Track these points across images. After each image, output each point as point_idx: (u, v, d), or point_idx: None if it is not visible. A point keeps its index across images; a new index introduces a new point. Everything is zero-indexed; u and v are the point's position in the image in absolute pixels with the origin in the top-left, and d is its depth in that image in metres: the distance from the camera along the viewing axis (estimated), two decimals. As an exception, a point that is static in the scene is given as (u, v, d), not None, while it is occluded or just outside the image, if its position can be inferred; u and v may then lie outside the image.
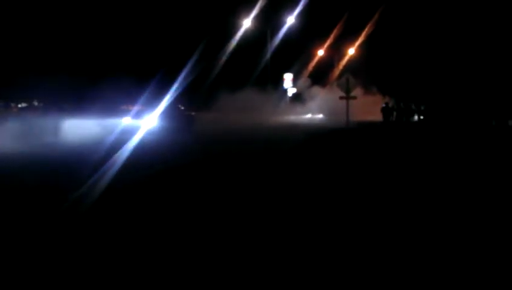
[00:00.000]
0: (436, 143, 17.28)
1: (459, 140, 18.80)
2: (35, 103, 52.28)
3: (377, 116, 35.58)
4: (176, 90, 33.56)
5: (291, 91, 50.84)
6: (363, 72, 45.24)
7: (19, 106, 51.97)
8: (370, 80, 45.43)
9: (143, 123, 24.29)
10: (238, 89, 45.00)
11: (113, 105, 29.42)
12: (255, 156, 12.15)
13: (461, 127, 29.38)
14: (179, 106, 31.30)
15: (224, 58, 49.05)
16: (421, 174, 8.92)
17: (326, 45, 50.89)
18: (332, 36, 49.94)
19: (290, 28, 49.94)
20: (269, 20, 49.54)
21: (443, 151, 14.37)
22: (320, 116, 43.97)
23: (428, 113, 37.26)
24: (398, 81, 41.84)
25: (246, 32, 48.88)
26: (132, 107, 40.65)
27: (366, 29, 48.10)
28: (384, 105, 35.30)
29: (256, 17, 48.73)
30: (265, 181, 8.11)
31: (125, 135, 16.94)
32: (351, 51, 51.01)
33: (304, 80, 49.82)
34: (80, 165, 9.58)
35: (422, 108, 37.39)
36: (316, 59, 51.36)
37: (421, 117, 37.39)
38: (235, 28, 48.93)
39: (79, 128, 19.80)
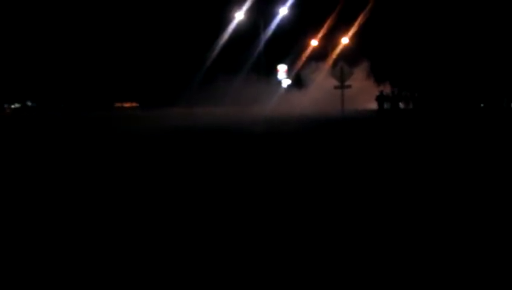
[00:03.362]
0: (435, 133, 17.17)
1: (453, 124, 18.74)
2: (29, 103, 52.05)
3: (369, 105, 35.50)
4: None
5: (285, 82, 50.63)
6: (357, 60, 45.09)
7: (12, 106, 51.82)
8: (365, 68, 45.29)
9: None
10: (232, 81, 44.85)
11: None
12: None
13: (453, 111, 29.46)
14: None
15: (217, 50, 48.83)
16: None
17: (319, 34, 50.59)
18: (325, 25, 49.64)
19: (283, 19, 49.66)
20: (262, 11, 49.23)
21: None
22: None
23: (421, 100, 37.31)
24: (394, 69, 41.77)
25: (239, 24, 48.58)
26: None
27: (360, 18, 47.80)
28: (379, 93, 35.06)
29: (249, 9, 48.42)
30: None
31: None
32: (345, 40, 50.71)
33: (308, 66, 49.01)
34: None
35: (416, 95, 37.37)
36: (309, 49, 51.08)
37: (410, 105, 37.32)
38: (227, 20, 48.65)
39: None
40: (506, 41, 31.85)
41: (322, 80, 43.06)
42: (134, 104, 54.30)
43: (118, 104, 53.31)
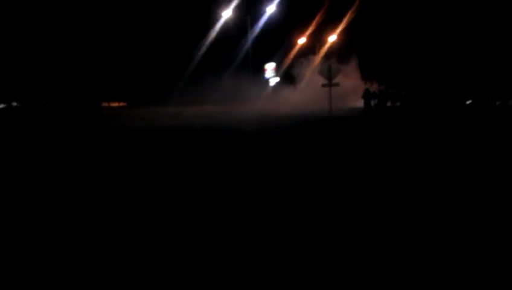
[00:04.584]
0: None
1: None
2: (14, 104, 51.48)
3: (359, 103, 35.52)
4: None
5: (273, 80, 50.62)
6: (348, 58, 45.16)
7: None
8: (356, 65, 45.40)
9: None
10: (220, 80, 44.79)
11: None
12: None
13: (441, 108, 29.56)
14: None
15: (205, 49, 48.72)
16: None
17: (308, 31, 50.57)
18: (314, 22, 49.63)
19: (270, 16, 49.60)
20: (249, 9, 49.14)
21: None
22: None
23: (409, 97, 37.46)
24: (381, 66, 41.87)
25: (226, 22, 48.44)
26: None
27: (348, 15, 47.81)
28: (364, 90, 35.13)
29: (237, 7, 48.28)
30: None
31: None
32: (334, 37, 50.74)
33: (297, 64, 48.85)
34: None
35: (403, 92, 37.47)
36: (298, 46, 51.08)
37: (397, 103, 37.61)
38: (215, 18, 48.49)
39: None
40: (492, 40, 32.04)
41: (311, 78, 43.03)
42: (122, 104, 54.02)
43: (104, 104, 53.02)
